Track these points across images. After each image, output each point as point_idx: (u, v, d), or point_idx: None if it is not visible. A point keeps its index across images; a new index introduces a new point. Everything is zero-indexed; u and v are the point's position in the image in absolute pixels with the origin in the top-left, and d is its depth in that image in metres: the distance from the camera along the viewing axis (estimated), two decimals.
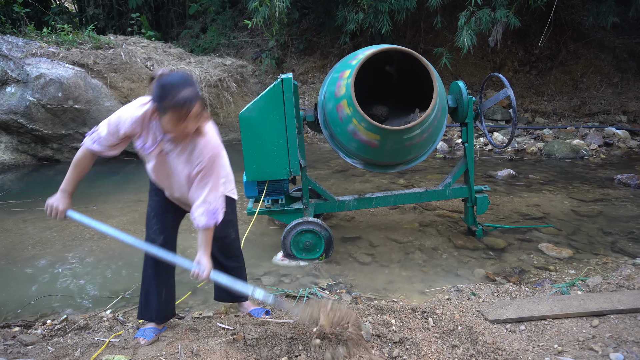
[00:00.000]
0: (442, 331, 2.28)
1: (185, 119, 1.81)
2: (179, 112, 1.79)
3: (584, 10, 9.08)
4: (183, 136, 1.91)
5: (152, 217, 2.28)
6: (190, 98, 1.79)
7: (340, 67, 3.26)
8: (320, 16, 10.35)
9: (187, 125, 1.84)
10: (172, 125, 1.84)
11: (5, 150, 6.82)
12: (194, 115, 1.83)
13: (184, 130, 1.86)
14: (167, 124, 1.85)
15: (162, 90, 1.80)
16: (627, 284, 2.72)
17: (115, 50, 7.41)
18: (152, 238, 2.27)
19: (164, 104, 1.80)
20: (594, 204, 4.50)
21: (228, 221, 2.34)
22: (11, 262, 3.54)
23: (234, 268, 2.47)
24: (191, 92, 1.81)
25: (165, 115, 1.82)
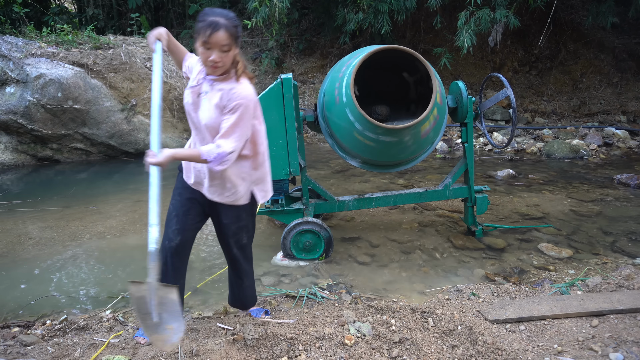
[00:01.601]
0: (442, 331, 2.28)
1: (209, 43, 1.88)
2: (204, 32, 1.87)
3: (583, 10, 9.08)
4: (212, 68, 1.95)
5: (172, 217, 2.22)
6: (217, 23, 1.87)
7: (339, 66, 3.26)
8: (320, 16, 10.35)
9: (212, 54, 1.90)
10: (201, 50, 1.92)
11: (5, 151, 6.81)
12: (219, 44, 1.88)
13: (209, 59, 1.91)
14: (198, 50, 1.94)
15: (201, 14, 1.94)
16: (626, 284, 2.72)
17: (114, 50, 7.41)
18: (169, 237, 2.22)
19: (198, 25, 1.91)
20: (593, 204, 4.50)
21: (243, 226, 2.29)
22: (11, 262, 3.54)
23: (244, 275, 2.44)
24: (223, 20, 1.88)
25: (197, 39, 1.92)
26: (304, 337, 2.20)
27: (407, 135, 3.01)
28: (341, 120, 3.10)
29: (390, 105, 3.76)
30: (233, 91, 1.99)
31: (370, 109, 3.66)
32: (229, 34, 1.90)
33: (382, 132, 2.97)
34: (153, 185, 1.92)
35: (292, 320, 2.37)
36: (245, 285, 2.47)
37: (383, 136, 3.01)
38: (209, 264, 3.37)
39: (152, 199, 1.91)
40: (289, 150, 3.19)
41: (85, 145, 7.13)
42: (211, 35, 1.87)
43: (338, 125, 3.17)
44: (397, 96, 3.89)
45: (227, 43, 1.91)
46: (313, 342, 2.17)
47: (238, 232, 2.29)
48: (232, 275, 2.47)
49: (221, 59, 1.93)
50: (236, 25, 1.94)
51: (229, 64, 1.99)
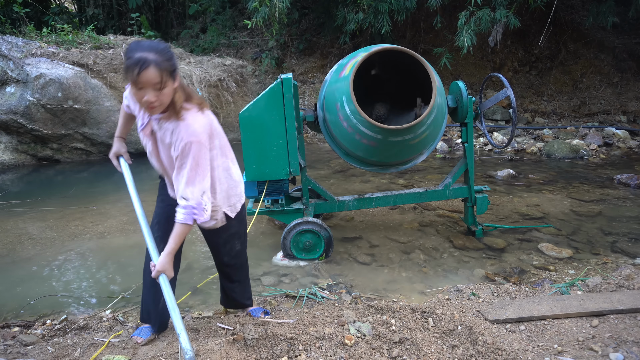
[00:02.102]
0: (442, 331, 2.28)
1: (140, 83, 1.70)
2: (131, 73, 1.68)
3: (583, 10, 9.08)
4: (147, 109, 1.78)
5: (154, 224, 2.23)
6: (144, 60, 1.67)
7: (339, 67, 3.26)
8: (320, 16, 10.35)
9: (143, 94, 1.72)
10: (132, 91, 1.75)
11: (5, 150, 6.82)
12: (150, 83, 1.70)
13: (143, 100, 1.74)
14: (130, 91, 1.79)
15: (127, 49, 1.73)
16: (626, 284, 2.72)
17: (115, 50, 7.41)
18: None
19: (124, 65, 1.72)
20: (593, 204, 4.50)
21: (233, 234, 2.26)
22: (11, 262, 3.54)
23: (239, 281, 2.45)
24: (152, 55, 1.69)
25: (126, 79, 1.75)
26: (304, 337, 2.20)
27: (407, 135, 3.01)
28: (341, 121, 3.10)
29: (390, 105, 3.76)
30: (179, 132, 1.83)
31: (370, 109, 3.66)
32: (160, 71, 1.70)
33: (382, 133, 2.97)
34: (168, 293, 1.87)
35: (292, 320, 2.37)
36: (240, 287, 2.47)
37: (384, 137, 3.01)
38: (209, 263, 3.37)
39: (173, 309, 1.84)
40: (289, 150, 3.19)
41: (86, 145, 7.14)
42: (140, 74, 1.67)
43: (338, 126, 3.17)
44: (397, 96, 3.89)
45: (160, 80, 1.71)
46: (313, 342, 2.17)
47: (229, 239, 2.27)
48: (224, 280, 2.47)
49: (157, 98, 1.74)
50: (169, 58, 1.75)
51: (167, 102, 1.79)
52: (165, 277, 1.93)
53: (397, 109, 3.76)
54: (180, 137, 1.83)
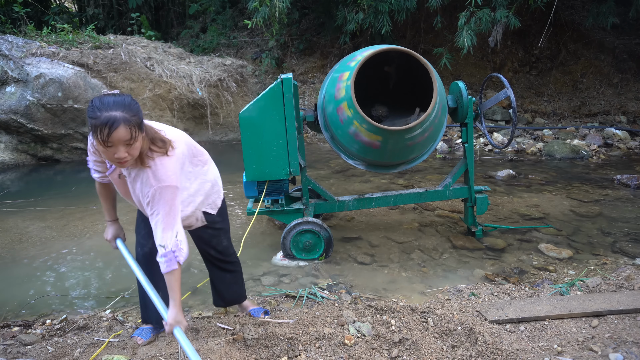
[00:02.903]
0: (442, 331, 2.28)
1: (109, 144, 1.67)
2: (100, 133, 1.64)
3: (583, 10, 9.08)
4: (118, 164, 1.77)
5: (140, 222, 2.26)
6: (113, 120, 1.64)
7: (339, 67, 3.26)
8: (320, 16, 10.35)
9: (117, 151, 1.70)
10: (101, 149, 1.72)
11: (5, 150, 6.82)
12: (121, 141, 1.67)
13: (114, 157, 1.72)
14: (97, 148, 1.73)
15: (91, 109, 1.68)
16: (626, 285, 2.72)
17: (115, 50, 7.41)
18: (141, 243, 2.25)
19: (90, 123, 1.67)
20: (593, 204, 4.50)
21: (219, 229, 2.31)
22: (11, 261, 3.54)
23: (230, 271, 2.47)
24: (119, 113, 1.66)
25: (93, 137, 1.73)
26: (304, 337, 2.20)
27: (408, 135, 3.01)
28: (342, 123, 3.10)
29: (390, 106, 3.76)
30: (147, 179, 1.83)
31: (370, 109, 3.66)
32: (130, 127, 1.67)
33: (383, 134, 2.97)
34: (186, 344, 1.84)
35: (292, 320, 2.37)
36: (232, 280, 2.49)
37: (385, 138, 3.01)
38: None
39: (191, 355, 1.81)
40: (289, 150, 3.18)
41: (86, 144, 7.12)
42: (110, 134, 1.64)
43: (339, 127, 3.17)
44: (398, 96, 3.89)
45: (130, 137, 1.68)
46: (313, 342, 2.17)
47: (215, 235, 2.31)
48: (213, 274, 2.48)
49: (127, 154, 1.72)
50: (135, 112, 1.71)
51: (137, 154, 1.78)
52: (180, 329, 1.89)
53: (397, 109, 3.76)
54: (150, 184, 1.83)
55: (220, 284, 2.49)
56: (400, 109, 3.75)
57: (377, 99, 3.80)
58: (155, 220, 1.85)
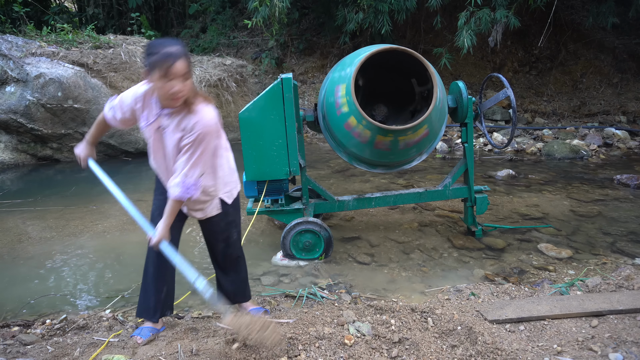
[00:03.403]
0: (442, 331, 2.28)
1: (169, 76, 1.84)
2: (162, 65, 1.82)
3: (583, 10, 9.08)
4: (173, 99, 1.92)
5: (156, 217, 2.25)
6: (174, 53, 1.84)
7: (340, 67, 3.26)
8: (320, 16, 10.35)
9: (174, 85, 1.87)
10: (159, 85, 1.88)
11: (5, 150, 6.82)
12: (179, 74, 1.86)
13: (170, 91, 1.88)
14: (156, 85, 1.90)
15: (149, 48, 1.89)
16: (626, 285, 2.72)
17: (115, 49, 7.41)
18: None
19: (150, 60, 1.86)
20: (593, 204, 4.50)
21: (231, 221, 2.36)
22: (10, 261, 3.54)
23: (236, 269, 2.48)
24: (176, 49, 1.86)
25: (152, 73, 1.87)
26: (304, 336, 2.20)
27: (409, 134, 3.01)
28: (342, 122, 3.10)
29: (390, 105, 3.76)
30: (195, 122, 1.98)
31: (370, 109, 3.65)
32: (186, 62, 1.89)
33: (382, 133, 2.97)
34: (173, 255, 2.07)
35: (292, 320, 2.37)
36: (238, 280, 2.51)
37: (385, 137, 3.01)
38: (208, 263, 3.37)
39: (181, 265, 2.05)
40: (288, 150, 3.18)
41: None
42: (172, 66, 1.84)
43: (339, 127, 3.17)
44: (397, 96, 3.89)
45: (187, 71, 1.90)
46: (312, 342, 2.17)
47: (227, 228, 2.35)
48: (219, 273, 2.50)
49: (183, 88, 1.90)
50: (187, 53, 1.93)
51: (188, 92, 1.95)
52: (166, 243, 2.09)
53: (396, 109, 3.76)
54: (195, 128, 1.98)
55: (227, 286, 2.50)
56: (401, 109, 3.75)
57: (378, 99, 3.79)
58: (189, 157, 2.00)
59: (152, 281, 2.29)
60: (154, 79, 1.89)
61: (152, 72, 1.88)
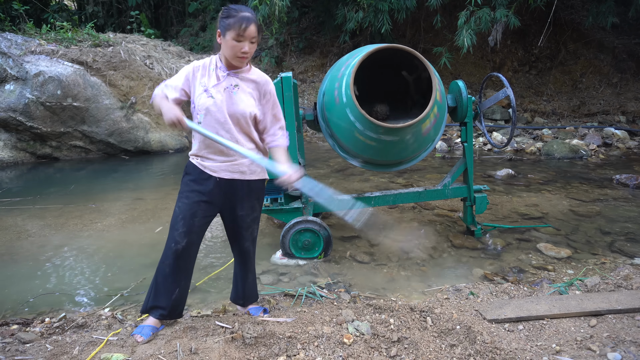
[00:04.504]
0: (441, 330, 2.28)
1: (244, 37, 2.05)
2: (239, 26, 2.02)
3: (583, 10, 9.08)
4: (242, 58, 2.11)
5: (179, 220, 2.23)
6: (248, 18, 2.05)
7: (339, 65, 3.25)
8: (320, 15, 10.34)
9: (245, 45, 2.07)
10: (232, 44, 2.06)
11: (4, 148, 6.81)
12: (251, 36, 2.07)
13: (241, 50, 2.07)
14: (228, 44, 2.08)
15: (227, 11, 2.09)
16: (625, 284, 2.73)
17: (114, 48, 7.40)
18: (176, 240, 2.23)
19: (228, 21, 2.05)
20: (592, 204, 4.50)
21: (256, 217, 2.44)
22: (10, 259, 3.53)
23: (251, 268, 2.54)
24: (251, 15, 2.08)
25: (227, 32, 2.06)
26: (303, 336, 2.20)
27: (407, 134, 3.01)
28: (341, 120, 3.10)
29: (390, 104, 3.76)
30: (265, 80, 2.24)
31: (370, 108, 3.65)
32: (257, 27, 2.11)
33: (382, 132, 2.97)
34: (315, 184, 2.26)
35: (291, 319, 2.37)
36: (250, 280, 2.54)
37: (383, 135, 3.01)
38: (208, 262, 3.37)
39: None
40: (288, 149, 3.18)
41: (85, 143, 7.13)
42: (246, 29, 2.03)
43: (338, 125, 3.17)
44: (397, 95, 3.89)
45: (256, 35, 2.10)
46: (312, 341, 2.17)
47: (252, 224, 2.41)
48: (239, 270, 2.52)
49: (250, 50, 2.11)
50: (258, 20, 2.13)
51: (252, 53, 2.16)
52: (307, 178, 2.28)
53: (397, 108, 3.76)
54: (268, 85, 2.26)
55: (243, 285, 2.53)
56: (401, 108, 3.75)
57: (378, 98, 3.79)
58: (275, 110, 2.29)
59: (165, 282, 2.26)
60: (228, 38, 2.06)
61: (227, 32, 2.06)
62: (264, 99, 2.25)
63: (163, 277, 2.27)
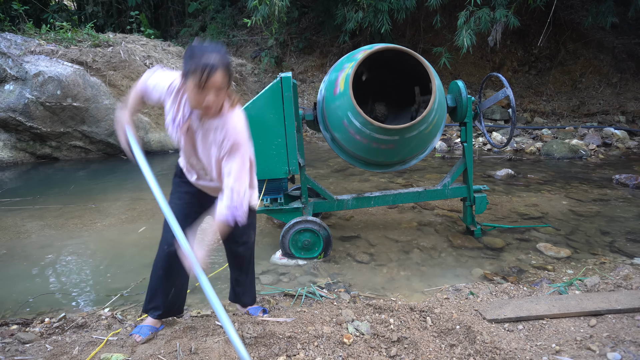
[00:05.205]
0: (440, 330, 2.29)
1: (205, 87, 1.74)
2: (200, 75, 1.72)
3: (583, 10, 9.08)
4: (205, 109, 1.82)
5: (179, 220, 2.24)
6: (213, 65, 1.72)
7: (339, 66, 3.25)
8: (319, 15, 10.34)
9: (208, 96, 1.77)
10: (194, 93, 1.77)
11: (4, 148, 6.81)
12: (216, 86, 1.76)
13: (204, 101, 1.78)
14: (189, 92, 1.79)
15: (190, 52, 1.77)
16: (624, 284, 2.73)
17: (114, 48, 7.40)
18: (168, 242, 2.23)
19: (188, 66, 1.75)
20: (592, 203, 4.51)
21: (250, 224, 2.35)
22: (9, 260, 3.53)
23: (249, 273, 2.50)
24: (218, 59, 1.74)
25: (188, 80, 1.77)
26: (303, 335, 2.20)
27: (407, 134, 3.01)
28: (340, 120, 3.10)
29: (389, 105, 3.76)
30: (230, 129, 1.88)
31: (369, 108, 3.66)
32: (225, 74, 1.77)
33: (381, 132, 2.97)
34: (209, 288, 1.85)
35: (291, 319, 2.37)
36: (247, 282, 2.52)
37: (382, 136, 3.01)
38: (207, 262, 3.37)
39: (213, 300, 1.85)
40: (288, 149, 3.18)
41: (85, 143, 7.13)
42: (208, 78, 1.73)
43: (337, 125, 3.17)
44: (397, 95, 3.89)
45: (224, 83, 1.79)
46: (311, 341, 2.17)
47: (246, 230, 2.35)
48: (235, 273, 2.50)
49: (217, 100, 1.81)
50: (229, 63, 1.82)
51: (221, 102, 1.85)
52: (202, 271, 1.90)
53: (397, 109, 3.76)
54: (228, 136, 1.88)
55: (242, 287, 2.51)
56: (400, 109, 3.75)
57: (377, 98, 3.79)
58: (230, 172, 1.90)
59: (160, 284, 2.26)
60: (189, 84, 1.78)
61: (187, 79, 1.78)
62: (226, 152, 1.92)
63: (157, 279, 2.26)
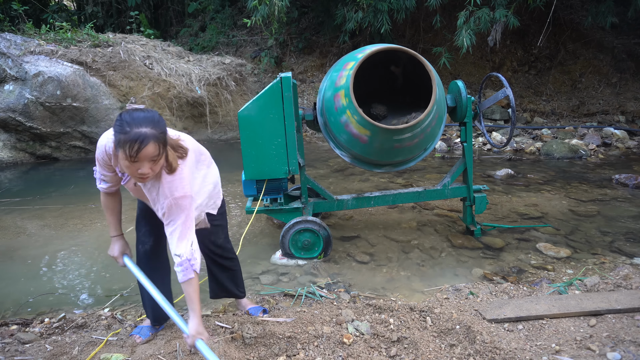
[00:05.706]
0: (440, 330, 2.29)
1: (136, 160, 1.67)
2: (129, 149, 1.64)
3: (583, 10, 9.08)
4: (140, 179, 1.77)
5: (140, 219, 2.26)
6: (143, 136, 1.64)
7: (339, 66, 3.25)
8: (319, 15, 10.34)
9: (141, 167, 1.70)
10: (124, 164, 1.71)
11: (4, 148, 6.80)
12: (148, 158, 1.68)
13: (137, 172, 1.72)
14: (121, 162, 1.73)
15: (120, 122, 1.68)
16: (624, 284, 2.73)
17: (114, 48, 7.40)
18: (142, 241, 2.25)
19: (118, 138, 1.67)
20: (592, 203, 4.51)
21: (217, 226, 2.34)
22: (9, 260, 3.53)
23: (229, 268, 2.49)
24: (149, 131, 1.66)
25: (119, 151, 1.69)
26: (303, 335, 2.20)
27: (407, 134, 3.01)
28: (336, 110, 3.09)
29: (389, 104, 3.76)
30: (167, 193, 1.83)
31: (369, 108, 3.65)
32: (158, 145, 1.68)
33: (372, 129, 2.96)
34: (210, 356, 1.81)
35: (291, 319, 2.37)
36: (227, 274, 2.50)
37: (373, 133, 3.00)
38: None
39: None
40: (288, 149, 3.18)
41: (84, 143, 7.13)
42: (139, 151, 1.65)
43: (337, 125, 3.17)
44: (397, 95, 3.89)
45: (157, 154, 1.70)
46: (311, 341, 2.17)
47: (214, 231, 2.33)
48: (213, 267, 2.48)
49: (152, 170, 1.73)
50: (163, 129, 1.72)
51: (158, 170, 1.78)
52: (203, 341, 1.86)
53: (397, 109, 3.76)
54: (164, 195, 1.84)
55: (221, 280, 2.50)
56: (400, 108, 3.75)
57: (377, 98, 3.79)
58: (171, 229, 1.87)
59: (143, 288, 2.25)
60: (120, 157, 1.70)
61: (118, 150, 1.69)
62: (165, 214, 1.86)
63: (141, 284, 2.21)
